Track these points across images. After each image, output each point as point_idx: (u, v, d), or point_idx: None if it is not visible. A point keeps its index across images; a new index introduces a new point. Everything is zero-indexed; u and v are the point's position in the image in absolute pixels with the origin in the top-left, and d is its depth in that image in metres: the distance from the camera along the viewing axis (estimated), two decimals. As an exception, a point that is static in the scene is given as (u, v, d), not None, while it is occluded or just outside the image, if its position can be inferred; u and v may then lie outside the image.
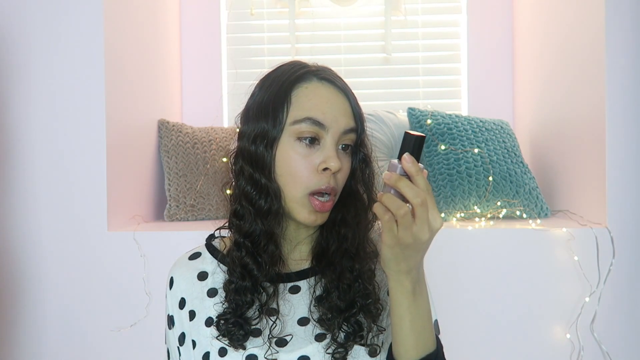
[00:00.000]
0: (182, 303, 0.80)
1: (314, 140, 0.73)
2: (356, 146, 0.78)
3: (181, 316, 0.80)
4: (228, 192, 0.80)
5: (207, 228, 0.95)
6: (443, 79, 2.05)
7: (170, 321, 0.82)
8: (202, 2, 2.08)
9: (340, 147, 0.75)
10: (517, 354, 1.38)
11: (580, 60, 1.47)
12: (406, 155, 0.62)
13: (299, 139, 0.73)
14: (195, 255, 0.84)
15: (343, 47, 2.06)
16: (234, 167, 0.78)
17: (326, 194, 0.73)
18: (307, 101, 0.73)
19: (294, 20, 2.02)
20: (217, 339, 0.75)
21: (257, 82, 0.79)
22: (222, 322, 0.74)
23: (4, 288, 1.46)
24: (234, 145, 0.80)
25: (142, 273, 1.43)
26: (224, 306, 0.76)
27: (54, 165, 1.45)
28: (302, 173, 0.72)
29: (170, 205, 1.69)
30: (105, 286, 1.44)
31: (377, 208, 0.63)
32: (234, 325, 0.73)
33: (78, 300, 1.45)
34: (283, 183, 0.74)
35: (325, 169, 0.72)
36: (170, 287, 0.82)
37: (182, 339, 0.79)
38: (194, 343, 0.77)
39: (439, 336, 0.80)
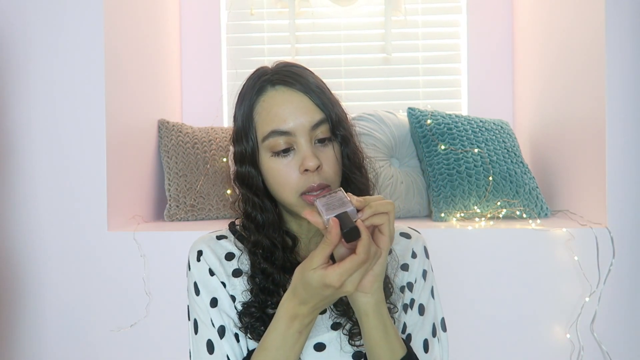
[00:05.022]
0: (211, 272, 0.82)
1: (287, 150, 0.75)
2: (334, 132, 0.77)
3: (212, 282, 0.81)
4: (228, 192, 0.82)
5: (207, 228, 0.95)
6: (443, 79, 2.05)
7: (196, 288, 0.82)
8: (202, 2, 2.08)
9: (315, 142, 0.76)
10: (517, 354, 1.38)
11: (580, 60, 1.47)
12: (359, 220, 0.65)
13: (274, 153, 0.76)
14: (221, 236, 0.86)
15: (343, 47, 2.06)
16: (238, 190, 0.84)
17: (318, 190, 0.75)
18: (266, 115, 0.76)
19: (294, 20, 2.02)
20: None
21: (236, 99, 0.83)
22: (245, 317, 0.78)
23: (4, 288, 1.46)
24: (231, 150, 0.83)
25: (142, 273, 1.43)
26: (249, 298, 0.79)
27: (54, 165, 1.45)
28: (289, 180, 0.75)
29: (170, 205, 1.69)
30: (105, 286, 1.44)
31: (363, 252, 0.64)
32: (258, 321, 0.77)
33: (78, 300, 1.45)
34: (275, 192, 0.78)
35: (306, 170, 0.74)
36: (198, 259, 0.83)
37: (214, 302, 0.81)
38: (233, 298, 0.80)
39: (445, 334, 0.85)
